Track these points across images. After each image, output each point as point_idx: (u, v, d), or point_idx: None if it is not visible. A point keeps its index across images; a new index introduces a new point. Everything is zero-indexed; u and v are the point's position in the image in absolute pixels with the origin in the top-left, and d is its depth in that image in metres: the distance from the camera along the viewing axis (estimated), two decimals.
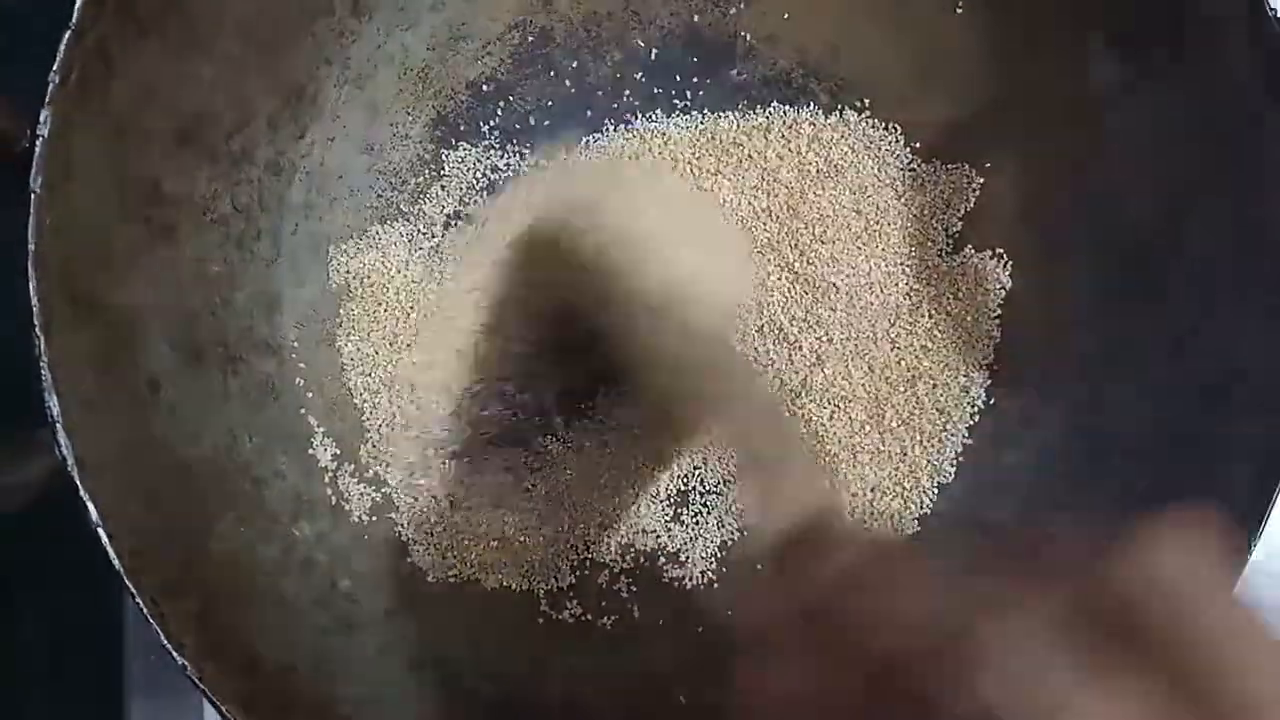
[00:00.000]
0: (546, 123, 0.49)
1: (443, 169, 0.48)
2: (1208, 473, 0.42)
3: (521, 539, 0.46)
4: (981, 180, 0.48)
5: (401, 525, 0.45)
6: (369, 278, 0.46)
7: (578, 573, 0.46)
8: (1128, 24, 0.44)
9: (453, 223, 0.48)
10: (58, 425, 0.33)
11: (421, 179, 0.47)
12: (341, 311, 0.46)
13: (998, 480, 0.47)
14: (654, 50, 0.49)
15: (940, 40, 0.47)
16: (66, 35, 0.34)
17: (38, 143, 0.33)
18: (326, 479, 0.44)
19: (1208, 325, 0.42)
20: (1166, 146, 0.44)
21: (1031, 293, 0.47)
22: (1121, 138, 0.45)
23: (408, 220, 0.47)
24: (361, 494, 0.45)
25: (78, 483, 0.33)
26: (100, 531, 0.33)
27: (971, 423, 0.47)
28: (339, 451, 0.45)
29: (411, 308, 0.46)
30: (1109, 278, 0.45)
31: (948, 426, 0.47)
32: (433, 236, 0.47)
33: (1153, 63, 0.44)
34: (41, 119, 0.34)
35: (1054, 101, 0.46)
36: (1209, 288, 0.42)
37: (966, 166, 0.48)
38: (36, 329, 0.33)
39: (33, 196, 0.33)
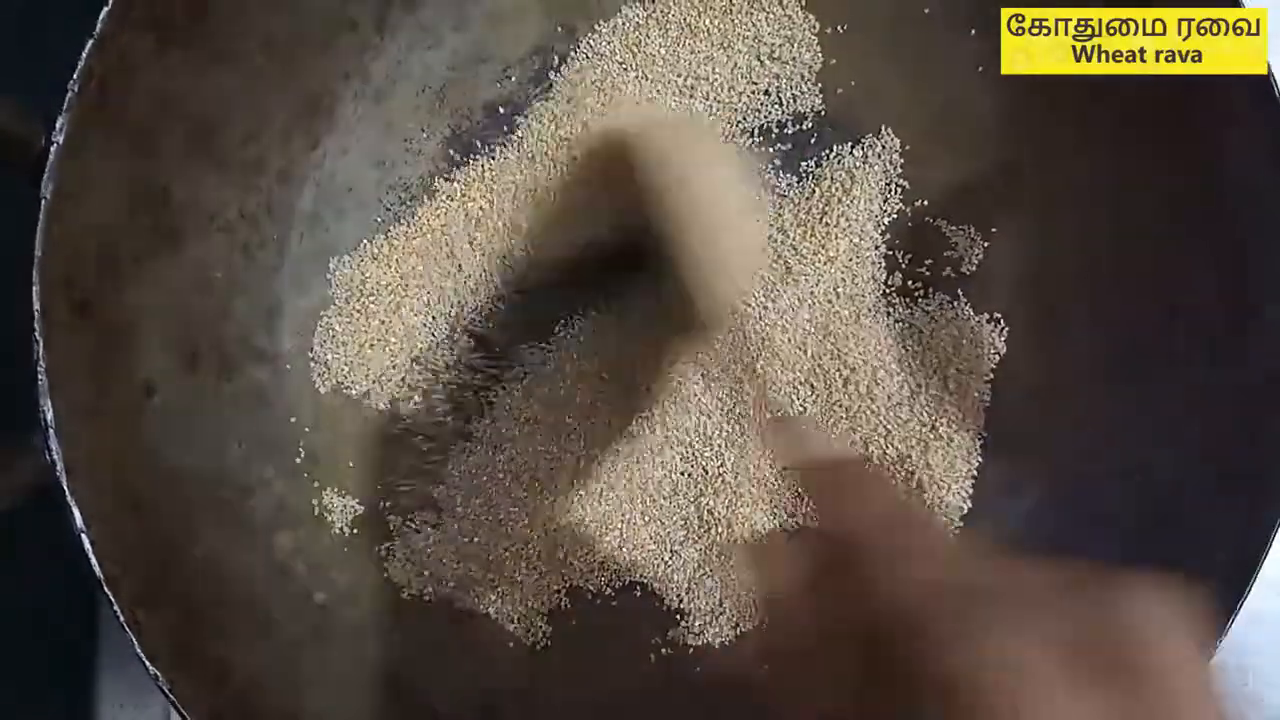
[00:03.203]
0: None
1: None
2: (1186, 554, 0.42)
3: (509, 560, 0.46)
4: (986, 244, 0.48)
5: (383, 538, 0.46)
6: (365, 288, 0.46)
7: (559, 600, 0.47)
8: (1141, 102, 0.44)
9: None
10: (51, 431, 0.34)
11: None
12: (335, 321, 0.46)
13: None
14: None
15: (958, 100, 0.48)
16: (89, 44, 0.34)
17: (52, 150, 0.34)
18: (310, 489, 0.45)
19: (1191, 416, 0.43)
20: (1169, 236, 0.44)
21: (1024, 362, 0.48)
22: (1128, 220, 0.45)
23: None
24: (344, 506, 0.45)
25: (65, 488, 0.34)
26: (84, 539, 0.34)
27: (970, 487, 0.48)
28: (325, 462, 0.45)
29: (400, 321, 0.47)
30: (1102, 357, 0.45)
31: (952, 487, 0.48)
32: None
33: (1163, 146, 0.44)
34: (58, 126, 0.34)
35: (1064, 175, 0.46)
36: (1194, 380, 0.43)
37: (971, 229, 0.48)
38: (37, 334, 0.34)
39: (42, 203, 0.34)
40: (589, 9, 0.48)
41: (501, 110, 0.48)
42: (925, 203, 0.49)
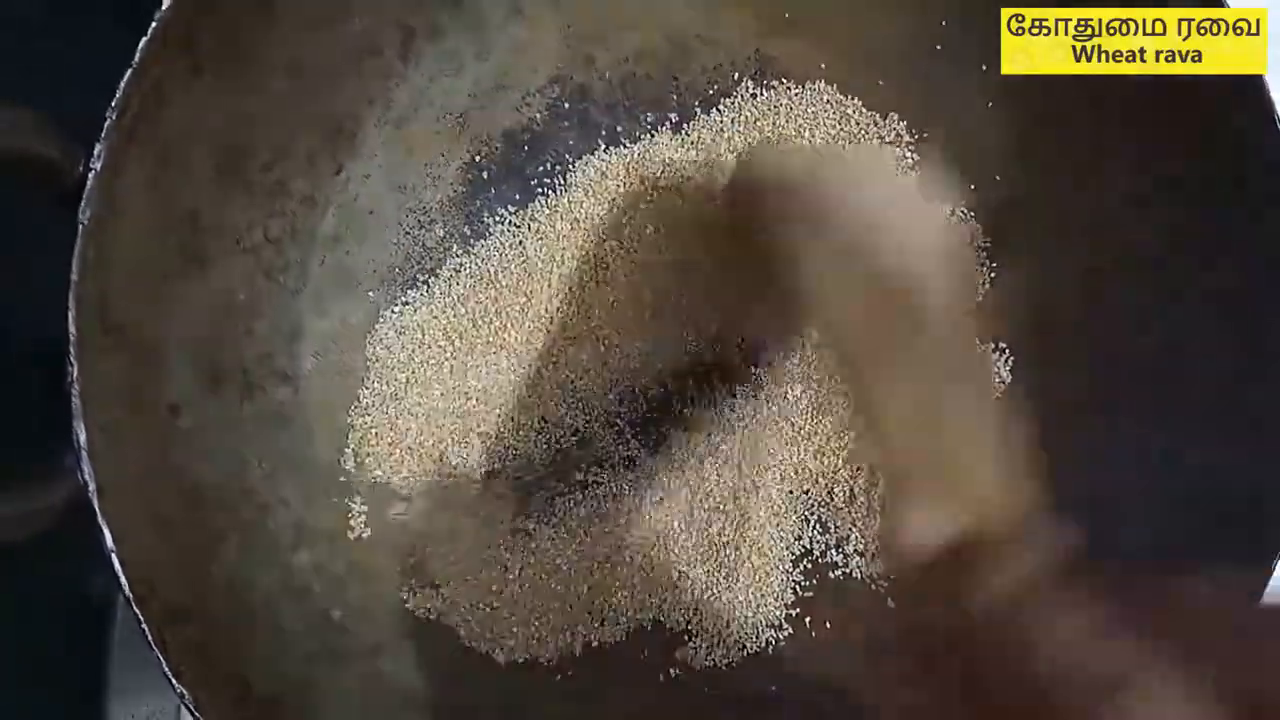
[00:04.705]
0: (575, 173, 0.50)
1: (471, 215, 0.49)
2: (1192, 579, 0.42)
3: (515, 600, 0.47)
4: (991, 275, 0.49)
5: (395, 559, 0.47)
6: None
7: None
8: (1149, 138, 0.45)
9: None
10: (84, 452, 0.34)
11: (451, 221, 0.48)
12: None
13: None
14: (689, 116, 0.50)
15: (969, 133, 0.49)
16: (127, 74, 0.35)
17: (89, 176, 0.34)
18: (329, 507, 0.45)
19: (1200, 447, 0.44)
20: (1177, 267, 0.45)
21: (1030, 391, 0.48)
22: (1135, 252, 0.46)
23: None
24: (362, 526, 0.46)
25: (97, 509, 0.34)
26: (114, 558, 0.34)
27: None
28: (343, 481, 0.46)
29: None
30: (1109, 388, 0.46)
31: None
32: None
33: (1171, 179, 0.45)
34: (95, 154, 0.34)
35: (1072, 207, 0.47)
36: (1205, 413, 0.43)
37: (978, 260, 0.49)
38: (71, 357, 0.34)
39: (80, 228, 0.34)
40: (608, 40, 0.49)
41: (520, 137, 0.49)
42: None
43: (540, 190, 0.49)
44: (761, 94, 0.49)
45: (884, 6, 0.48)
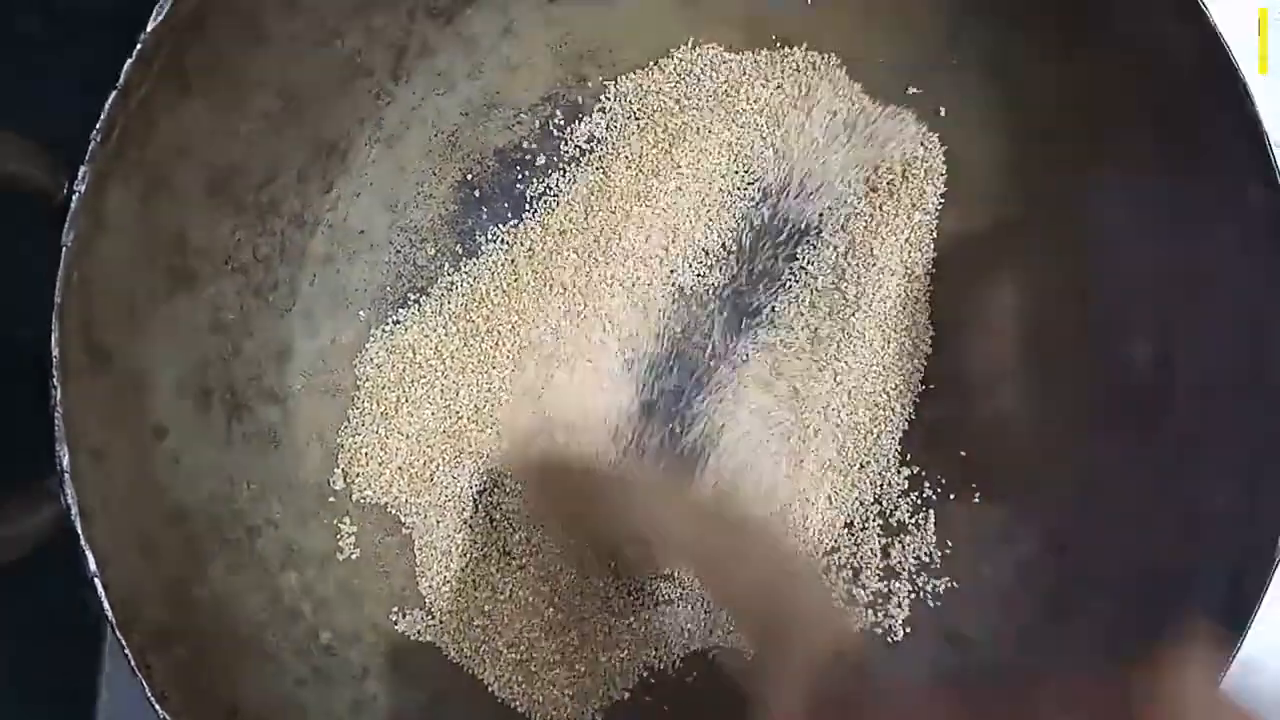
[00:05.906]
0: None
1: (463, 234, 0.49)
2: (1181, 601, 0.42)
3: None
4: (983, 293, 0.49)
5: (384, 581, 0.46)
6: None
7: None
8: (1139, 158, 0.44)
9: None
10: (67, 476, 0.34)
11: (442, 240, 0.48)
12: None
13: (976, 591, 0.47)
14: None
15: (962, 152, 0.48)
16: (112, 95, 0.35)
17: (73, 198, 0.34)
18: (317, 528, 0.45)
19: (1191, 464, 0.43)
20: (1167, 286, 0.44)
21: (1021, 410, 0.48)
22: (1124, 272, 0.45)
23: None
24: (351, 547, 0.46)
25: (79, 532, 0.34)
26: (97, 582, 0.34)
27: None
28: (332, 502, 0.46)
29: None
30: (1100, 407, 0.46)
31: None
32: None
33: (1159, 199, 0.44)
34: (80, 176, 0.34)
35: (1063, 228, 0.47)
36: (1195, 430, 0.43)
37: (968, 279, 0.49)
38: (54, 380, 0.34)
39: (63, 250, 0.34)
40: (600, 59, 0.48)
41: (511, 156, 0.49)
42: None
43: (532, 209, 0.49)
44: None
45: (882, 20, 0.48)
